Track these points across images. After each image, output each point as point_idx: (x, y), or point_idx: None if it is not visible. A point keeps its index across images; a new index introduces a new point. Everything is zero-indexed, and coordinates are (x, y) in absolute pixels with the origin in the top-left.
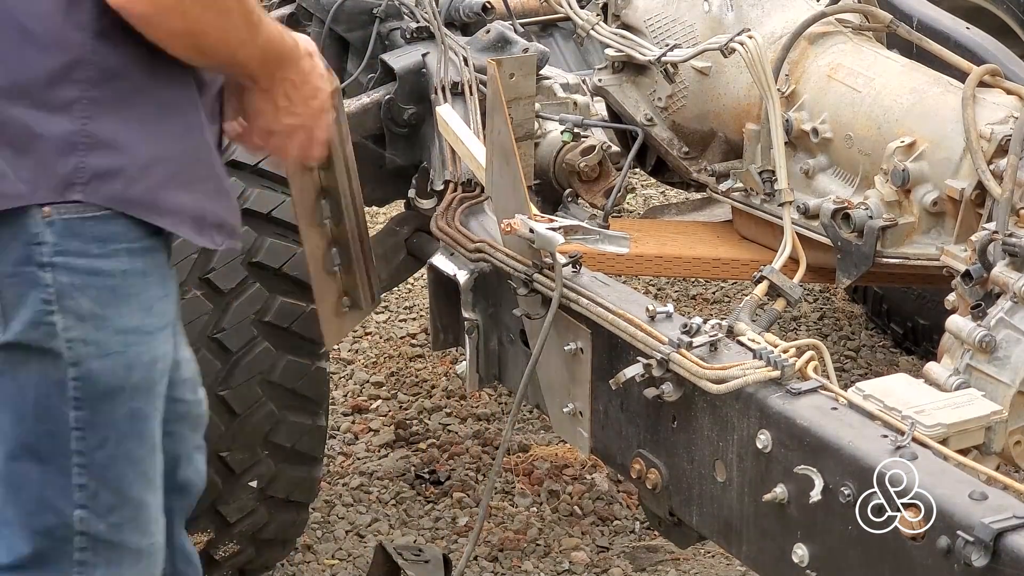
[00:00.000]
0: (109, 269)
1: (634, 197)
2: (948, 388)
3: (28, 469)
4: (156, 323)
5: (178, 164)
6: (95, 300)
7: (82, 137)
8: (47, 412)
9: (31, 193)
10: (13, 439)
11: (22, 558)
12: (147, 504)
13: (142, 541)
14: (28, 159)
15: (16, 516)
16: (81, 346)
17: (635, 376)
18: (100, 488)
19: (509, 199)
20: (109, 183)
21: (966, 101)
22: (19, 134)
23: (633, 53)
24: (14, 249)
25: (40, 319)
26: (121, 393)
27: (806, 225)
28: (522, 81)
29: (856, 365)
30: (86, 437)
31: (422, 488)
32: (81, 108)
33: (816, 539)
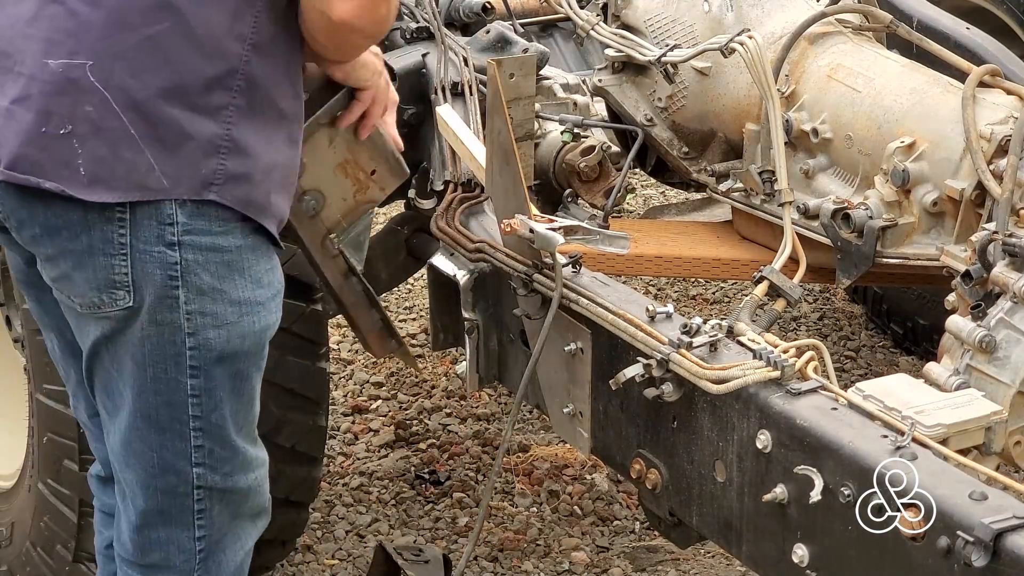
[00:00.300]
0: (227, 245)
1: (634, 197)
2: (948, 388)
3: (148, 437)
4: (266, 293)
5: (285, 171)
6: (214, 275)
7: (224, 141)
8: (165, 384)
9: (171, 188)
10: (134, 411)
11: (149, 514)
12: (246, 450)
13: (248, 479)
14: (174, 157)
15: (137, 477)
16: (199, 317)
17: (635, 376)
18: (214, 446)
19: (509, 199)
20: (239, 186)
21: (966, 101)
22: (171, 132)
23: (633, 53)
24: (149, 227)
25: (165, 292)
26: (233, 359)
27: (806, 225)
28: (522, 81)
29: (856, 365)
30: (201, 403)
31: (422, 488)
32: (227, 114)
33: (816, 539)
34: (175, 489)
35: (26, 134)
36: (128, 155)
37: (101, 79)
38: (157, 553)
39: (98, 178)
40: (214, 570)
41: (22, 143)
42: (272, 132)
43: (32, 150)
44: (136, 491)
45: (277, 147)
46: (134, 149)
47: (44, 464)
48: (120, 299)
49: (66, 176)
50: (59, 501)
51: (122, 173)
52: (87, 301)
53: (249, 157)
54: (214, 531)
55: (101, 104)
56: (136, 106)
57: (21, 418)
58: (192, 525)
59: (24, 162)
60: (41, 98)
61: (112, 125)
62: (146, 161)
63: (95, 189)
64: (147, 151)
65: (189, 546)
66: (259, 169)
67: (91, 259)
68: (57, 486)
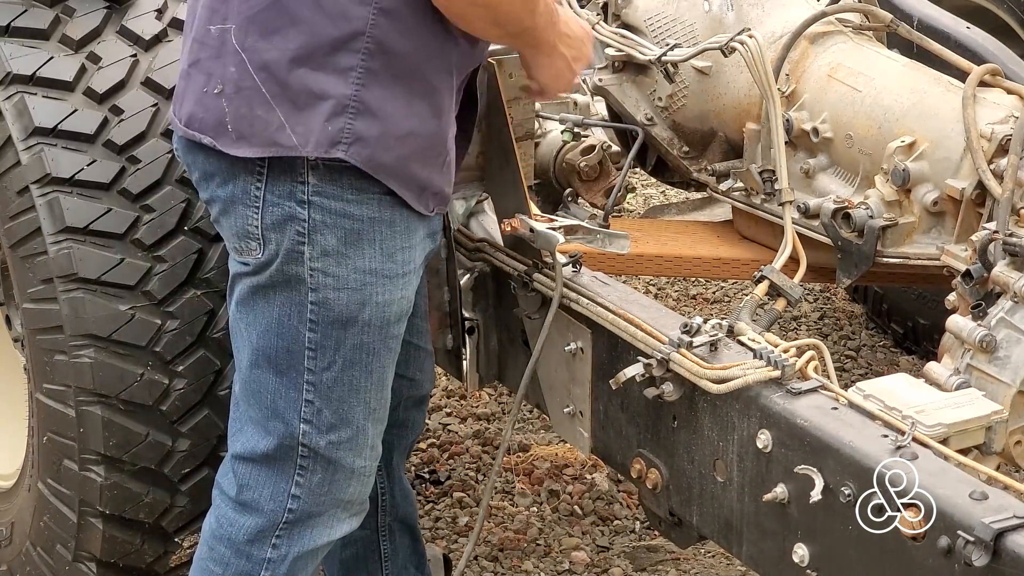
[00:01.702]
0: (358, 214)
1: (634, 197)
2: (948, 388)
3: (266, 378)
4: (396, 269)
5: (426, 140)
6: (340, 239)
7: (353, 102)
8: (287, 330)
9: (302, 146)
10: (258, 349)
11: (254, 453)
12: (366, 431)
13: (356, 462)
14: (304, 116)
15: (254, 416)
16: (321, 276)
17: (635, 376)
18: (324, 407)
19: (509, 199)
20: (368, 147)
21: (966, 101)
22: (299, 92)
23: (633, 53)
24: (282, 183)
25: (293, 247)
26: (353, 325)
27: (806, 225)
28: (522, 81)
29: (856, 365)
30: (316, 358)
31: (422, 488)
32: (356, 76)
33: (816, 539)
34: (283, 439)
35: (196, 94)
36: (262, 113)
37: (240, 41)
38: (252, 492)
39: (241, 135)
40: (296, 538)
41: (194, 102)
42: (411, 99)
43: (199, 109)
44: (250, 428)
45: (418, 115)
46: (267, 108)
47: (44, 464)
48: (253, 249)
49: (220, 133)
50: (59, 501)
51: (259, 130)
52: (231, 245)
53: (379, 120)
54: (310, 499)
55: (240, 65)
56: (267, 66)
57: (21, 418)
58: (291, 479)
59: (195, 120)
60: (207, 61)
61: (248, 84)
62: (277, 119)
63: (240, 145)
64: (278, 109)
65: (282, 498)
66: (392, 134)
67: (233, 207)
68: (57, 486)
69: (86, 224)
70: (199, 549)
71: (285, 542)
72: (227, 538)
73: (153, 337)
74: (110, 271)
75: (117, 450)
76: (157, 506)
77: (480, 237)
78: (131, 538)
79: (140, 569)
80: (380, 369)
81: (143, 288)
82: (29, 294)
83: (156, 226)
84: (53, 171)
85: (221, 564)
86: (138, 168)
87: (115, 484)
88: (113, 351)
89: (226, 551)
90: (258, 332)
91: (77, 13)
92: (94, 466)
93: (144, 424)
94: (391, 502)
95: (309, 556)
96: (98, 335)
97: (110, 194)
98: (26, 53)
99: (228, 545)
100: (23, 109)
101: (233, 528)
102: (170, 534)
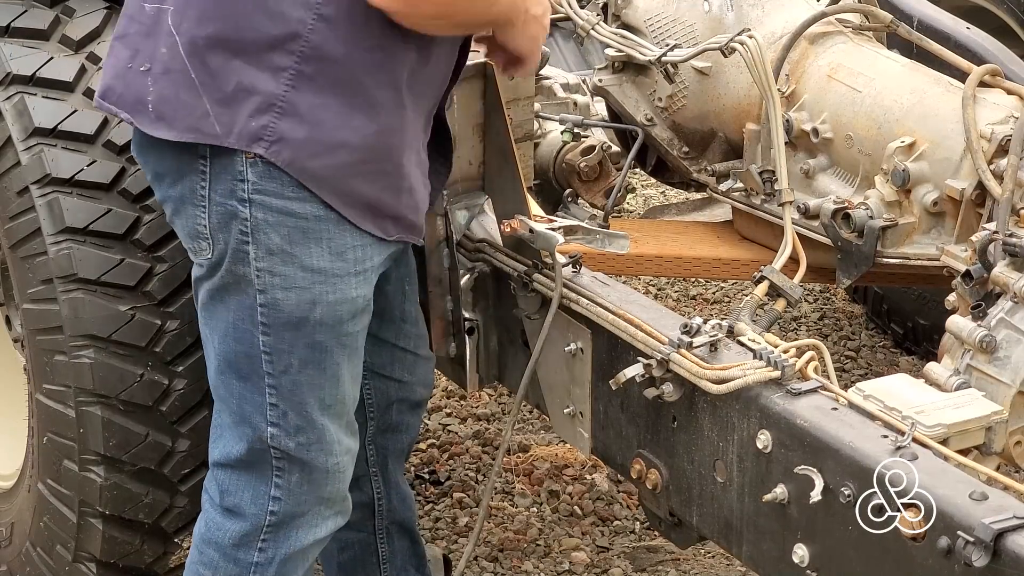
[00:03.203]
0: (302, 212)
1: (634, 197)
2: (948, 388)
3: (231, 384)
4: (347, 268)
5: (363, 155)
6: (285, 238)
7: (280, 101)
8: (243, 334)
9: (224, 136)
10: (220, 355)
11: (231, 459)
12: (329, 428)
13: (328, 461)
14: (230, 107)
15: (226, 422)
16: (268, 276)
17: (635, 376)
18: (288, 409)
19: (509, 199)
20: (292, 150)
21: (966, 101)
22: (227, 82)
23: (633, 53)
24: (224, 181)
25: (238, 247)
26: (304, 325)
27: (806, 225)
28: (521, 81)
29: (856, 365)
30: (273, 361)
31: (422, 488)
32: (288, 77)
33: (816, 539)
34: (254, 443)
35: (116, 68)
36: (188, 98)
37: (176, 24)
38: (233, 497)
39: (161, 116)
40: (282, 540)
41: (114, 76)
42: (350, 112)
43: (119, 83)
44: (226, 434)
45: (354, 127)
46: (193, 94)
47: (44, 464)
48: (204, 250)
49: (139, 111)
50: (59, 501)
51: (182, 115)
52: (186, 246)
53: (308, 125)
54: (291, 500)
55: (172, 48)
56: (199, 53)
57: (21, 418)
58: (270, 481)
59: (112, 93)
60: (135, 37)
61: (178, 67)
62: (203, 107)
63: (158, 126)
64: (205, 97)
65: (263, 501)
66: (321, 141)
67: (183, 207)
68: (57, 486)
69: (86, 224)
70: (191, 553)
71: (271, 545)
72: (215, 542)
73: (153, 337)
74: (110, 271)
75: (117, 450)
76: (157, 506)
77: (480, 238)
78: (131, 538)
79: (140, 569)
80: (335, 366)
81: (143, 288)
82: (29, 294)
83: (156, 226)
84: (53, 171)
85: (211, 568)
86: (138, 168)
87: (115, 484)
88: (113, 351)
89: (215, 555)
90: (218, 337)
91: (77, 13)
92: (94, 466)
93: (144, 424)
94: (387, 506)
95: (297, 557)
96: (98, 335)
97: (110, 194)
98: (26, 53)
99: (216, 549)
100: (23, 109)
101: (220, 532)
102: (170, 534)
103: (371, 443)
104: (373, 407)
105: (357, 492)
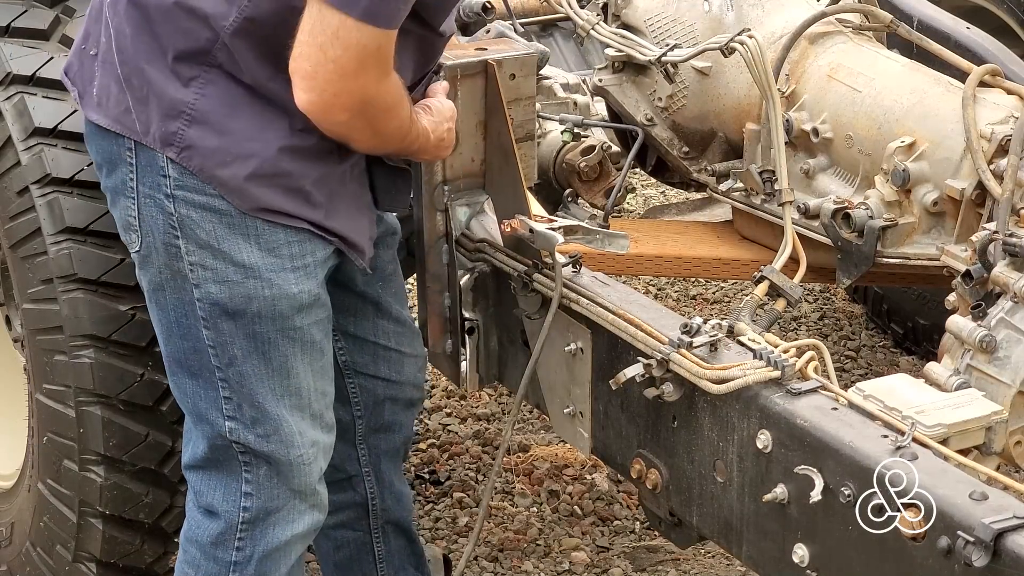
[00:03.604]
0: (225, 209)
1: (634, 197)
2: (948, 388)
3: (184, 383)
4: (282, 264)
5: (275, 168)
6: (210, 233)
7: (190, 109)
8: (187, 329)
9: (143, 134)
10: (169, 354)
11: (199, 459)
12: (285, 420)
13: (290, 453)
14: (145, 109)
15: (189, 424)
16: (201, 270)
17: (635, 376)
18: (241, 401)
19: (509, 199)
20: (201, 157)
21: (966, 101)
22: (144, 84)
23: (633, 53)
24: (149, 175)
25: (169, 240)
26: (241, 317)
27: (806, 225)
28: (523, 81)
29: (856, 365)
30: (218, 354)
31: (422, 488)
32: (199, 86)
33: (816, 539)
34: (213, 439)
35: (75, 46)
36: (116, 91)
37: (110, 16)
38: (206, 497)
39: (101, 102)
40: (259, 537)
41: (73, 52)
42: (261, 125)
43: (76, 61)
44: (193, 433)
45: (267, 144)
46: (119, 87)
47: (44, 464)
48: (133, 242)
49: (88, 92)
50: (59, 501)
51: (112, 105)
52: (122, 238)
53: (216, 134)
54: (263, 495)
55: (108, 39)
56: (122, 50)
57: (21, 418)
58: (239, 478)
59: (71, 70)
60: (88, 20)
61: (111, 60)
62: (126, 101)
63: (98, 111)
64: (127, 93)
65: (235, 498)
66: (231, 151)
67: (117, 198)
68: (57, 486)
69: (86, 224)
70: (179, 551)
71: (248, 543)
72: (196, 541)
73: (153, 337)
74: (110, 271)
75: (117, 450)
76: (157, 506)
77: (480, 237)
78: (131, 538)
79: (140, 569)
80: (281, 358)
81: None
82: (29, 294)
83: None
84: (53, 171)
85: (193, 566)
86: None
87: (115, 484)
88: (113, 351)
89: (197, 553)
90: (165, 336)
91: (77, 13)
92: (94, 466)
93: (144, 424)
94: (382, 505)
95: (277, 554)
96: (98, 335)
97: None
98: (26, 53)
99: (198, 548)
100: (23, 109)
101: (200, 531)
102: (170, 534)
103: (362, 442)
104: (360, 406)
105: (351, 492)
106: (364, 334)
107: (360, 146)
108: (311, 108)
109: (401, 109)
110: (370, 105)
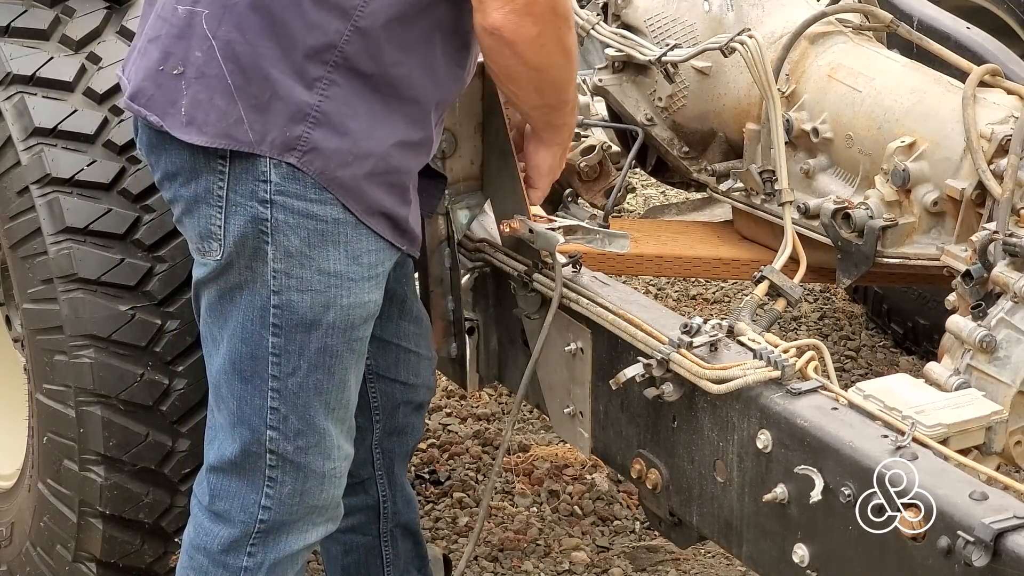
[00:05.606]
0: (322, 215)
1: (634, 197)
2: (948, 388)
3: (233, 384)
4: (362, 272)
5: (388, 168)
6: (304, 240)
7: (315, 111)
8: (251, 335)
9: (257, 143)
10: (225, 354)
11: (224, 462)
12: (330, 433)
13: (325, 465)
14: (263, 114)
15: (223, 424)
16: (284, 278)
17: (635, 376)
18: (290, 413)
19: (509, 199)
20: (323, 159)
21: (966, 101)
22: (264, 90)
23: (633, 53)
24: (245, 182)
25: (256, 247)
26: (316, 328)
27: (806, 225)
28: None
29: (856, 365)
30: (280, 363)
31: (422, 488)
32: (323, 87)
33: (816, 539)
34: (249, 446)
35: (147, 70)
36: (222, 104)
37: (212, 29)
38: (223, 502)
39: (193, 120)
40: (271, 546)
41: (143, 78)
42: (380, 124)
43: (149, 85)
44: (221, 434)
45: (381, 141)
46: (228, 99)
47: (44, 464)
48: (214, 250)
49: (170, 114)
50: (59, 501)
51: (214, 119)
52: (193, 247)
53: (340, 135)
54: (281, 509)
55: (208, 52)
56: (237, 59)
57: (21, 418)
58: (261, 489)
59: (142, 96)
60: (167, 39)
61: (214, 72)
62: (237, 112)
63: (189, 131)
64: (239, 103)
65: (252, 509)
66: (351, 151)
67: (197, 207)
68: (57, 486)
69: (86, 224)
70: (180, 557)
71: (260, 550)
72: (204, 547)
73: (153, 337)
74: (110, 271)
75: (117, 450)
76: (157, 506)
77: (480, 237)
78: (131, 538)
79: (140, 569)
80: (343, 371)
81: (143, 288)
82: (29, 294)
83: (156, 226)
84: (53, 171)
85: (200, 573)
86: (138, 168)
87: (115, 484)
88: (113, 351)
89: (204, 560)
90: (226, 336)
91: (77, 13)
92: (94, 466)
93: (144, 424)
94: (393, 508)
95: (287, 562)
96: (98, 335)
97: (110, 194)
98: (26, 53)
99: (205, 555)
100: (23, 109)
101: (208, 538)
102: (170, 534)
103: (377, 447)
104: (379, 410)
105: (363, 495)
106: (388, 336)
107: (541, 83)
108: (505, 23)
109: (573, 23)
110: (555, 10)
